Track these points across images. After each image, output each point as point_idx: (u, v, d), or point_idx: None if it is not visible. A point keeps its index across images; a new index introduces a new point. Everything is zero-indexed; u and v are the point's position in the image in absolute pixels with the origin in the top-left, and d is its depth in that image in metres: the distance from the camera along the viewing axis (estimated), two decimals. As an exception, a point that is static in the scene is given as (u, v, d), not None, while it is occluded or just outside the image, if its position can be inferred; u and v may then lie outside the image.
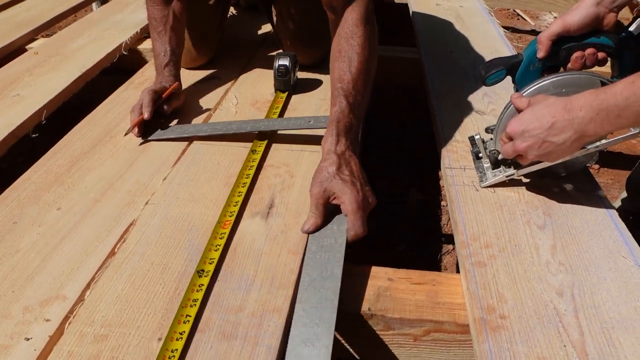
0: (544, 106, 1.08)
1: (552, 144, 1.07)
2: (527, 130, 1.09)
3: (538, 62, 1.21)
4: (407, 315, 1.01)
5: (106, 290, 0.99)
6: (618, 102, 0.98)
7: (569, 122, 1.05)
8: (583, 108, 1.03)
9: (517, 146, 1.12)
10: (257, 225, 1.15)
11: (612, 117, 0.99)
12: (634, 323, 0.95)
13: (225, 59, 1.94)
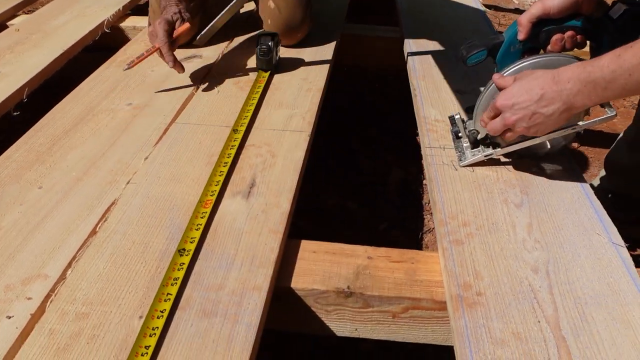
0: (532, 79, 1.10)
1: (542, 115, 1.10)
2: (517, 103, 1.11)
3: (519, 43, 1.22)
4: (386, 293, 1.03)
5: (87, 269, 1.00)
6: (605, 75, 1.00)
7: (557, 94, 1.07)
8: (571, 80, 1.05)
9: (507, 119, 1.14)
10: (238, 205, 1.16)
11: (599, 89, 1.02)
12: (607, 299, 0.97)
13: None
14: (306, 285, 1.03)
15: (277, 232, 1.09)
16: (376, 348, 1.40)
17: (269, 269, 1.00)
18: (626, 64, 0.97)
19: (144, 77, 1.68)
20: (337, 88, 2.26)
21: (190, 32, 1.74)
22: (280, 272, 1.05)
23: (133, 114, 1.48)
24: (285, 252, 1.09)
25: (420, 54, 1.85)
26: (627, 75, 0.98)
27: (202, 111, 1.50)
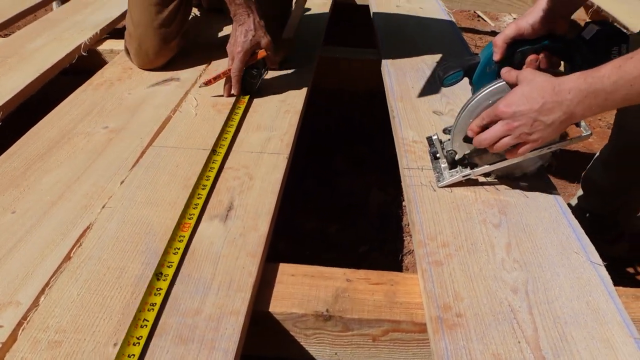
0: (533, 87, 1.11)
1: (543, 123, 1.10)
2: (519, 111, 1.12)
3: (494, 64, 1.23)
4: (366, 315, 1.02)
5: (61, 295, 0.97)
6: (606, 86, 1.01)
7: (557, 104, 1.07)
8: (572, 91, 1.06)
9: (509, 124, 1.13)
10: (215, 228, 1.15)
11: (600, 100, 1.03)
12: (586, 318, 0.97)
13: (186, 60, 1.93)
14: (284, 309, 1.01)
15: (255, 256, 1.08)
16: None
17: (247, 293, 0.99)
18: (628, 75, 0.98)
19: (121, 100, 1.67)
20: (317, 110, 2.26)
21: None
22: (258, 296, 1.03)
23: (109, 137, 1.47)
24: (263, 275, 1.08)
25: (397, 75, 1.86)
26: (628, 86, 0.98)
27: (180, 134, 1.49)
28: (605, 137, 2.70)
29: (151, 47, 1.82)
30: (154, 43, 1.81)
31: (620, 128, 1.64)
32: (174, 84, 1.78)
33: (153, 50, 1.83)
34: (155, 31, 1.80)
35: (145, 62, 1.86)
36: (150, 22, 1.79)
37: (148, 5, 1.79)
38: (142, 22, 1.81)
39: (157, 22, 1.80)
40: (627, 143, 1.61)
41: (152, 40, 1.81)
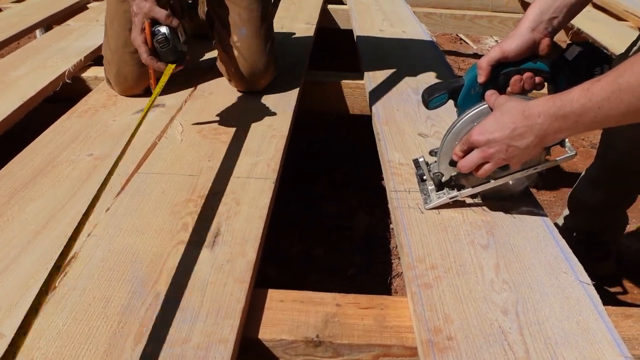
0: (504, 112, 1.12)
1: (517, 148, 1.11)
2: (492, 139, 1.13)
3: (479, 86, 1.24)
4: (356, 340, 1.01)
5: (46, 327, 0.96)
6: (575, 109, 1.01)
7: (529, 128, 1.08)
8: (541, 115, 1.06)
9: (484, 152, 1.15)
10: (202, 255, 1.14)
11: (570, 123, 1.03)
12: (577, 337, 0.97)
13: (171, 86, 1.93)
14: (274, 336, 1.00)
15: (243, 282, 1.07)
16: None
17: (236, 320, 0.98)
18: (595, 97, 0.98)
19: (106, 127, 1.66)
20: (303, 134, 2.27)
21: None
22: (247, 323, 1.02)
23: (94, 165, 1.46)
24: (252, 302, 1.07)
25: (382, 98, 1.87)
26: (596, 109, 0.99)
27: (165, 160, 1.48)
28: (588, 156, 2.74)
29: (130, 72, 1.82)
30: (132, 68, 1.81)
31: (607, 147, 1.65)
32: (159, 110, 1.77)
33: (132, 75, 1.82)
34: (132, 56, 1.79)
35: (126, 88, 1.86)
36: (127, 46, 1.79)
37: (123, 30, 1.79)
38: (119, 48, 1.81)
39: (134, 47, 1.79)
40: (615, 161, 1.62)
41: (129, 65, 1.81)
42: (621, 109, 0.96)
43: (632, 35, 2.86)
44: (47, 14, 2.74)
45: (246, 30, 1.79)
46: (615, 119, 0.99)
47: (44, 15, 2.72)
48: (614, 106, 0.96)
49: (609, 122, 1.01)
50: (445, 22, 3.44)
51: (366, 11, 3.06)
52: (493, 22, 3.40)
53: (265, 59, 1.83)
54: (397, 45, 2.43)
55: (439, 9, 3.62)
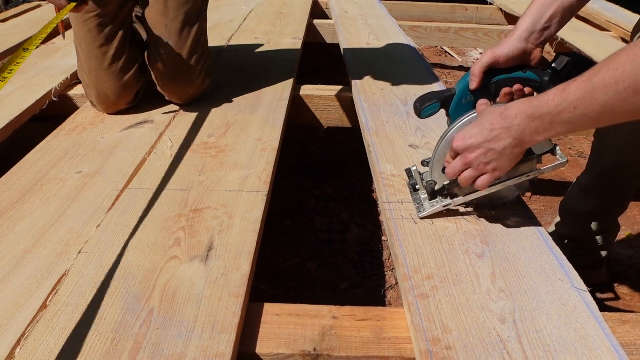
0: (484, 118, 1.12)
1: (495, 151, 1.10)
2: (471, 144, 1.12)
3: (470, 95, 1.25)
4: (354, 353, 0.99)
5: (38, 346, 0.94)
6: (550, 110, 1.00)
7: (506, 130, 1.08)
8: (518, 116, 1.06)
9: (466, 158, 1.15)
10: (196, 269, 1.12)
11: (546, 124, 1.02)
12: (575, 344, 0.96)
13: (160, 102, 1.92)
14: (271, 350, 0.99)
15: (238, 296, 1.05)
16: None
17: (232, 335, 0.96)
18: (570, 97, 0.97)
19: (95, 145, 1.65)
20: (293, 148, 2.26)
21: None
22: (244, 338, 1.01)
23: (83, 182, 1.44)
24: (247, 316, 1.05)
25: (372, 111, 1.87)
26: (572, 109, 0.97)
27: (156, 176, 1.47)
28: (576, 165, 2.75)
29: (109, 89, 1.82)
30: (111, 84, 1.81)
31: (599, 154, 1.66)
32: (148, 126, 1.76)
33: (112, 91, 1.82)
34: (107, 72, 1.80)
35: (109, 105, 1.86)
36: (100, 64, 1.80)
37: (93, 49, 1.80)
38: (93, 67, 1.81)
39: (107, 62, 1.80)
40: (607, 169, 1.63)
41: (107, 82, 1.81)
42: (596, 109, 0.94)
43: (616, 45, 2.90)
44: (32, 33, 2.73)
45: (172, 42, 1.81)
46: (591, 119, 0.97)
47: (29, 34, 2.71)
48: (588, 106, 0.94)
49: (586, 123, 0.99)
50: (430, 35, 3.46)
51: (352, 25, 3.08)
52: (478, 35, 3.43)
53: (188, 69, 1.84)
54: (384, 58, 2.44)
55: (424, 22, 3.64)
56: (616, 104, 0.91)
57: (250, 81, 2.13)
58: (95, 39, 1.78)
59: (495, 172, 1.15)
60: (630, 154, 1.56)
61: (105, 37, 1.79)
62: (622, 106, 0.91)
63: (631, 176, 1.63)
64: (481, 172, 1.16)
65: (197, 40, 1.87)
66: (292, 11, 3.37)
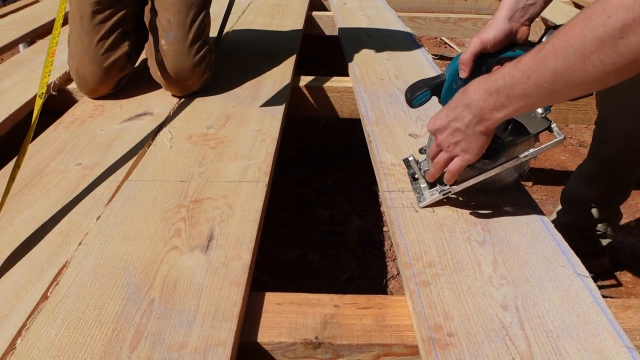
0: (453, 99, 1.12)
1: (459, 130, 1.09)
2: (438, 125, 1.13)
3: (460, 80, 1.23)
4: (356, 340, 0.99)
5: (39, 337, 0.93)
6: (506, 82, 0.98)
7: (466, 106, 1.07)
8: (477, 91, 1.04)
9: (437, 139, 1.15)
10: (197, 259, 1.12)
11: (503, 97, 1.00)
12: (578, 330, 0.96)
13: (160, 94, 1.92)
14: (272, 339, 0.98)
15: (239, 285, 1.05)
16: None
17: (233, 323, 0.96)
18: (523, 67, 0.95)
19: (94, 137, 1.64)
20: (293, 140, 2.26)
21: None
22: (245, 327, 1.00)
23: (83, 174, 1.44)
24: (248, 305, 1.05)
25: (371, 101, 1.86)
26: (525, 79, 0.95)
27: (155, 167, 1.46)
28: (577, 154, 2.75)
29: (88, 72, 1.85)
30: (90, 69, 1.85)
31: (601, 142, 1.65)
32: (147, 119, 1.76)
33: (91, 76, 1.86)
34: (88, 56, 1.84)
35: (90, 90, 1.90)
36: (84, 48, 1.85)
37: (80, 34, 1.85)
38: (77, 51, 1.87)
39: (91, 47, 1.84)
40: (609, 156, 1.63)
41: (87, 66, 1.85)
42: (548, 77, 0.91)
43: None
44: (30, 29, 2.72)
45: (174, 34, 1.83)
46: (545, 90, 0.93)
47: (27, 30, 2.70)
48: (540, 74, 0.92)
49: (540, 95, 0.95)
50: (429, 26, 3.45)
51: (351, 17, 3.07)
52: (477, 25, 3.41)
53: (190, 61, 1.84)
54: (383, 48, 2.43)
55: (423, 12, 3.63)
56: (566, 71, 0.88)
57: (249, 73, 2.12)
58: (85, 24, 1.83)
59: (465, 155, 1.13)
60: (633, 142, 1.56)
61: (95, 23, 1.84)
62: (572, 74, 0.87)
63: (633, 164, 1.62)
64: (452, 155, 1.15)
65: (200, 33, 1.87)
66: (290, 3, 3.35)
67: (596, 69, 0.84)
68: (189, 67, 1.85)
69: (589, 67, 0.85)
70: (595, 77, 0.86)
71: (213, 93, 1.94)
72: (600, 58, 0.83)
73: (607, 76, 0.85)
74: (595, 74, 0.85)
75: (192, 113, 1.80)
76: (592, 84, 0.89)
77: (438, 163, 1.17)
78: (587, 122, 2.28)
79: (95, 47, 1.84)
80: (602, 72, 0.84)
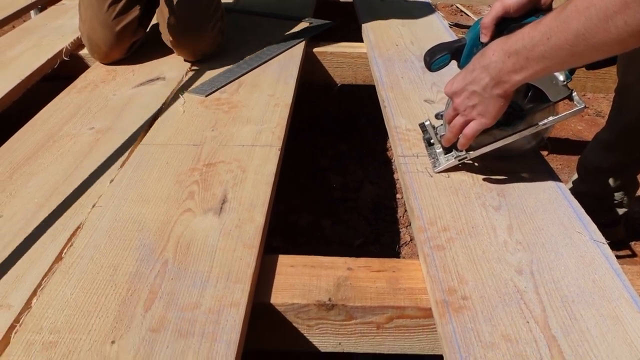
0: (471, 61, 1.09)
1: (476, 93, 1.08)
2: (457, 88, 1.11)
3: (481, 45, 1.21)
4: (369, 302, 0.99)
5: (54, 296, 0.94)
6: (525, 44, 0.96)
7: (484, 68, 1.05)
8: (495, 52, 1.02)
9: (454, 103, 1.13)
10: (210, 222, 1.12)
11: (522, 59, 0.98)
12: (593, 295, 0.95)
13: (172, 59, 1.91)
14: (286, 300, 0.99)
15: (252, 247, 1.05)
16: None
17: (246, 284, 0.96)
18: (544, 28, 0.93)
19: (107, 101, 1.63)
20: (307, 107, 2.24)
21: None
22: (258, 288, 1.00)
23: (96, 138, 1.43)
24: (262, 267, 1.05)
25: (386, 66, 1.84)
26: (545, 40, 0.93)
27: (168, 131, 1.45)
28: (593, 124, 2.72)
29: (100, 38, 1.85)
30: (102, 34, 1.84)
31: (620, 110, 1.63)
32: (160, 83, 1.75)
33: (103, 41, 1.85)
34: (99, 21, 1.83)
35: (102, 55, 1.89)
36: (95, 13, 1.83)
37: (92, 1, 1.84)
38: (88, 16, 1.85)
39: (101, 12, 1.82)
40: (628, 124, 1.60)
41: (99, 31, 1.84)
42: (569, 38, 0.89)
43: None
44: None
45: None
46: (565, 52, 0.91)
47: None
48: (561, 35, 0.90)
49: (561, 57, 0.93)
50: (445, -8, 3.39)
51: (366, -17, 3.01)
52: (494, -9, 3.34)
53: (202, 24, 1.83)
54: (398, 14, 2.39)
55: (439, -22, 3.56)
56: (588, 32, 0.86)
57: (262, 38, 2.10)
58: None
59: (481, 119, 1.11)
60: None
61: None
62: (594, 35, 0.86)
63: None
64: (468, 118, 1.13)
65: (213, 1, 1.84)
66: (304, -31, 3.30)
67: (619, 30, 0.83)
68: (201, 32, 1.83)
69: (612, 28, 0.83)
70: (618, 38, 0.84)
71: (225, 58, 1.92)
72: (623, 19, 0.81)
73: (630, 37, 0.83)
74: (618, 35, 0.83)
75: (205, 78, 1.78)
76: (614, 45, 0.87)
77: (454, 127, 1.16)
78: (605, 90, 2.24)
79: (106, 12, 1.83)
80: (625, 33, 0.82)
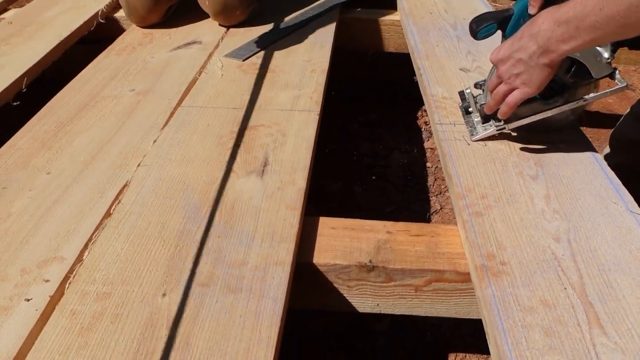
0: (520, 29, 1.09)
1: (522, 61, 1.07)
2: (502, 55, 1.11)
3: (528, 16, 1.21)
4: (409, 265, 1.02)
5: (105, 250, 0.98)
6: (577, 13, 0.96)
7: (532, 37, 1.04)
8: (545, 21, 1.02)
9: (498, 71, 1.13)
10: (253, 183, 1.14)
11: (572, 28, 0.97)
12: (630, 265, 0.97)
13: (207, 24, 1.92)
14: (328, 261, 1.01)
15: (294, 209, 1.07)
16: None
17: (291, 244, 0.99)
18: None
19: (145, 64, 1.66)
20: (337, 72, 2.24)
21: None
22: (301, 249, 1.03)
23: (137, 100, 1.46)
24: (304, 228, 1.08)
25: (421, 35, 1.83)
26: (597, 10, 0.92)
27: (208, 94, 1.48)
28: (624, 97, 2.69)
29: (137, 1, 1.86)
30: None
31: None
32: (197, 47, 1.76)
33: (141, 5, 1.86)
34: None
35: (139, 19, 1.91)
36: None
37: None
38: None
39: None
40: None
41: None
42: (622, 9, 0.88)
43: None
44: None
45: None
46: (617, 24, 0.91)
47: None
48: (614, 6, 0.89)
49: (612, 28, 0.93)
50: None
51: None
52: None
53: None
54: (432, -17, 2.37)
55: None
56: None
57: (296, 3, 2.10)
58: None
59: (524, 88, 1.11)
60: None
61: None
62: None
63: None
64: (511, 87, 1.13)
65: None
66: None
67: None
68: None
69: None
70: None
71: (260, 23, 1.93)
72: None
73: None
74: None
75: (240, 43, 1.79)
76: None
77: (497, 94, 1.16)
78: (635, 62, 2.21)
79: None
80: None
